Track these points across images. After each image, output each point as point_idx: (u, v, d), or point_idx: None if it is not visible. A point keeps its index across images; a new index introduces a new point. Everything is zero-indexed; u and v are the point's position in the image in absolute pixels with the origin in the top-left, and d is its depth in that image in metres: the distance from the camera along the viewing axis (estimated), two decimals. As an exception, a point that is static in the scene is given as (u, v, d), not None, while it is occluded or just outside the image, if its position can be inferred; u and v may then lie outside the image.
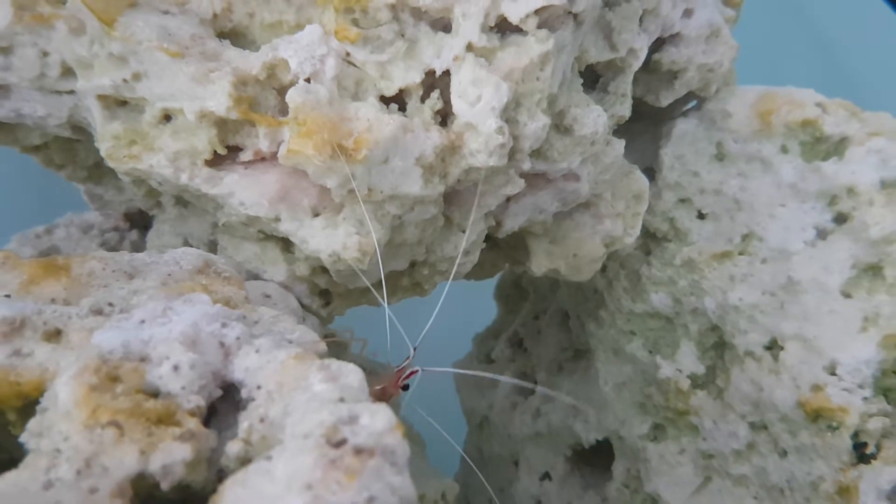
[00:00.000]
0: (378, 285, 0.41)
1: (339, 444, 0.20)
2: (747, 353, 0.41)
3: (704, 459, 0.42)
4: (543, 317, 0.56)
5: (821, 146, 0.42)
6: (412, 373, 0.35)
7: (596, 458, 0.46)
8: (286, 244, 0.37)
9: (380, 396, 0.35)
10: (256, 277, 0.38)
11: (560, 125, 0.37)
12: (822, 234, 0.40)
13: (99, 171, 0.46)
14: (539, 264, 0.43)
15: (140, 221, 0.51)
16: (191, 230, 0.43)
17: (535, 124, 0.34)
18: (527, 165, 0.36)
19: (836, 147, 0.41)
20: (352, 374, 0.23)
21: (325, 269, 0.37)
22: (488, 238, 0.42)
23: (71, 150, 0.44)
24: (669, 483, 0.42)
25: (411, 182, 0.34)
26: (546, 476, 0.50)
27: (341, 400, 0.22)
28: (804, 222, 0.41)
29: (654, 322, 0.45)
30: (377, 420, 0.21)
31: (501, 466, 0.53)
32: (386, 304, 0.38)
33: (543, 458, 0.50)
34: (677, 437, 0.43)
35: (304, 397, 0.22)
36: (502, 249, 0.46)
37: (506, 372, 0.56)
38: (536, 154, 0.37)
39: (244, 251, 0.38)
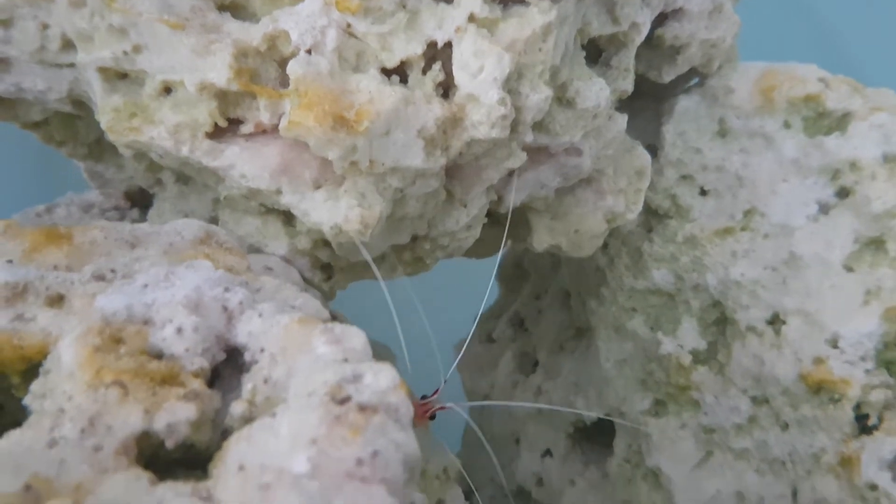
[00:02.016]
0: (379, 259, 0.41)
1: (344, 401, 0.20)
2: (749, 329, 0.41)
3: (706, 434, 0.42)
4: (545, 296, 0.56)
5: (823, 122, 0.41)
6: (440, 408, 0.35)
7: (597, 435, 0.47)
8: (287, 218, 0.37)
9: None
10: (258, 251, 0.38)
11: (562, 98, 0.37)
12: (824, 209, 0.40)
13: (99, 149, 0.46)
14: (540, 240, 0.43)
15: (141, 200, 0.51)
16: (192, 208, 0.43)
17: (538, 96, 0.34)
18: (529, 138, 0.36)
19: (839, 122, 0.41)
20: (355, 338, 0.23)
21: (326, 243, 0.37)
22: (490, 215, 0.42)
23: (71, 126, 0.44)
24: (671, 458, 0.42)
25: (413, 155, 0.34)
26: (547, 453, 0.50)
27: (345, 361, 0.22)
28: (806, 197, 0.40)
29: (656, 299, 0.45)
30: (381, 378, 0.21)
31: (503, 444, 0.53)
32: (416, 304, 0.39)
33: (544, 435, 0.50)
34: (678, 413, 0.43)
35: (308, 359, 0.22)
36: (503, 226, 0.46)
37: (507, 351, 0.56)
38: (538, 127, 0.37)
39: (245, 225, 0.38)
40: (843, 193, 0.40)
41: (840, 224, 0.39)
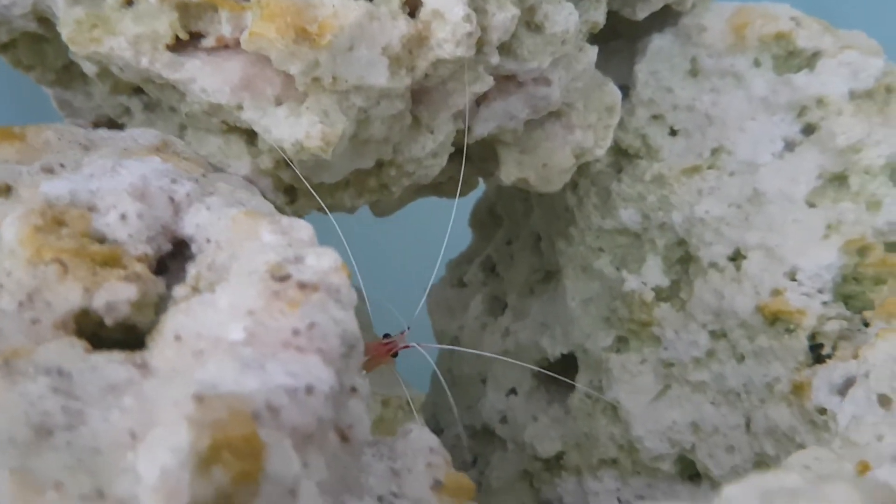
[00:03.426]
0: (342, 184, 0.40)
1: (284, 279, 0.20)
2: (711, 265, 0.41)
3: (665, 368, 0.42)
4: (516, 242, 0.56)
5: (793, 60, 0.41)
6: (404, 346, 0.36)
7: (561, 373, 0.47)
8: (250, 137, 0.37)
9: (368, 366, 0.36)
10: (220, 172, 0.37)
11: (530, 22, 0.36)
12: (789, 146, 0.40)
13: (68, 75, 0.45)
14: (509, 173, 0.43)
15: (109, 132, 0.51)
16: (159, 135, 0.42)
17: (504, 14, 0.34)
18: (495, 60, 0.36)
19: (809, 61, 0.41)
20: (303, 230, 0.23)
21: (288, 164, 0.37)
22: (459, 150, 0.42)
23: (39, 50, 0.43)
24: (629, 391, 0.42)
25: (377, 73, 0.34)
26: (512, 392, 0.50)
27: (289, 246, 0.22)
28: (773, 134, 0.41)
29: (623, 238, 0.45)
30: (323, 260, 0.21)
31: (470, 385, 0.54)
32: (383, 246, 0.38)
33: (510, 374, 0.50)
34: (639, 348, 0.43)
35: (254, 246, 0.22)
36: (473, 162, 0.46)
37: (477, 294, 0.56)
38: (506, 51, 0.36)
39: (208, 144, 0.37)
40: (808, 130, 0.40)
41: (805, 160, 0.39)
